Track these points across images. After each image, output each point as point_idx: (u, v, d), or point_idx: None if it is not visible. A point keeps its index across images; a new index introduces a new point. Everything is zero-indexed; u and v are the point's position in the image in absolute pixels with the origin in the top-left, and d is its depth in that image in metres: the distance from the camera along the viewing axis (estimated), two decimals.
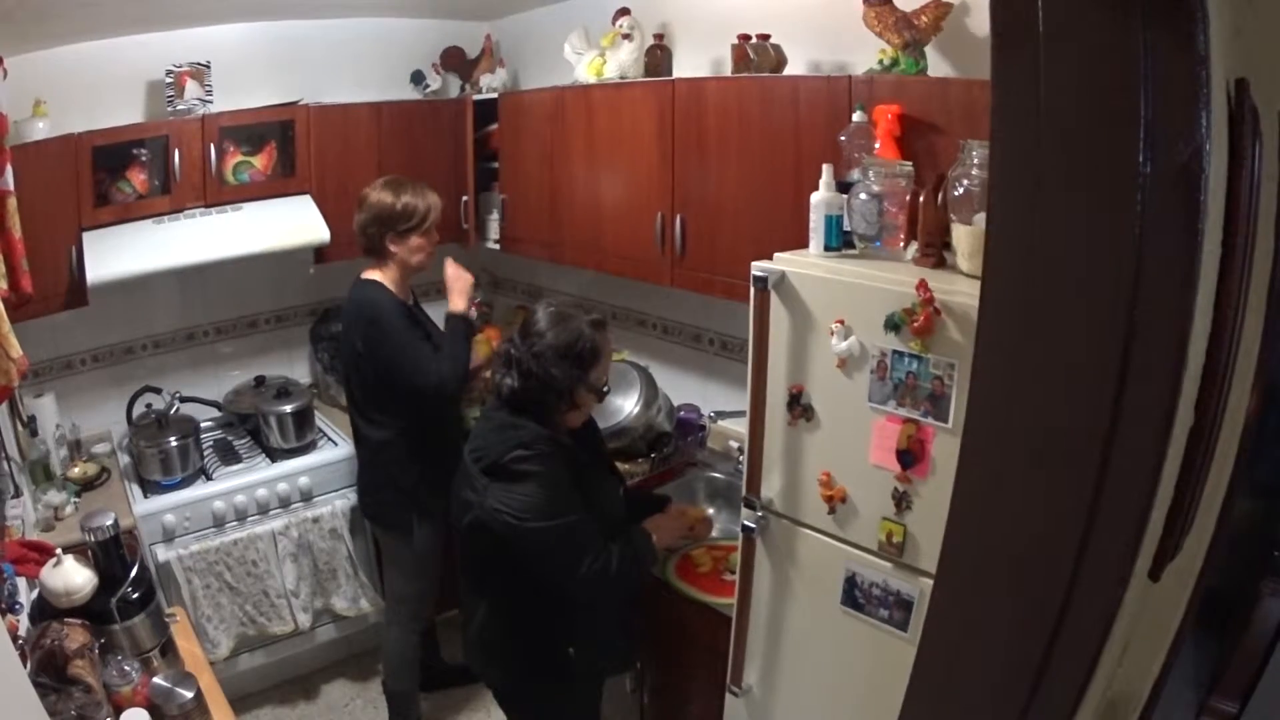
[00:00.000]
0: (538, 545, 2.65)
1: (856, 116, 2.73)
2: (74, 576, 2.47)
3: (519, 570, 2.72)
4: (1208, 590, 1.67)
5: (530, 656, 2.86)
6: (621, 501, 3.03)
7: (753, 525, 2.73)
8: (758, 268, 2.54)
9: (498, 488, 2.64)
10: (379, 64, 4.82)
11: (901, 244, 2.49)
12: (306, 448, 4.33)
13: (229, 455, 4.32)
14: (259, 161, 4.28)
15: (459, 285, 3.54)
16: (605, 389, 2.86)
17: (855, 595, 2.51)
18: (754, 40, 3.31)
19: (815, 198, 2.55)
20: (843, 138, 2.74)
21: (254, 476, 4.10)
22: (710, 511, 3.63)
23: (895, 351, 2.26)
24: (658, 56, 3.80)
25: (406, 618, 3.86)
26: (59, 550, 2.54)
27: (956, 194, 2.25)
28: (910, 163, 2.52)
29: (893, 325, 2.23)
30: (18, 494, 3.38)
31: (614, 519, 2.90)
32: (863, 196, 2.46)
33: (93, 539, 2.59)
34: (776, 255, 2.59)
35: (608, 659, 3.07)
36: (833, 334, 2.36)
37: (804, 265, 2.50)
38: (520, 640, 2.85)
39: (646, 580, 3.07)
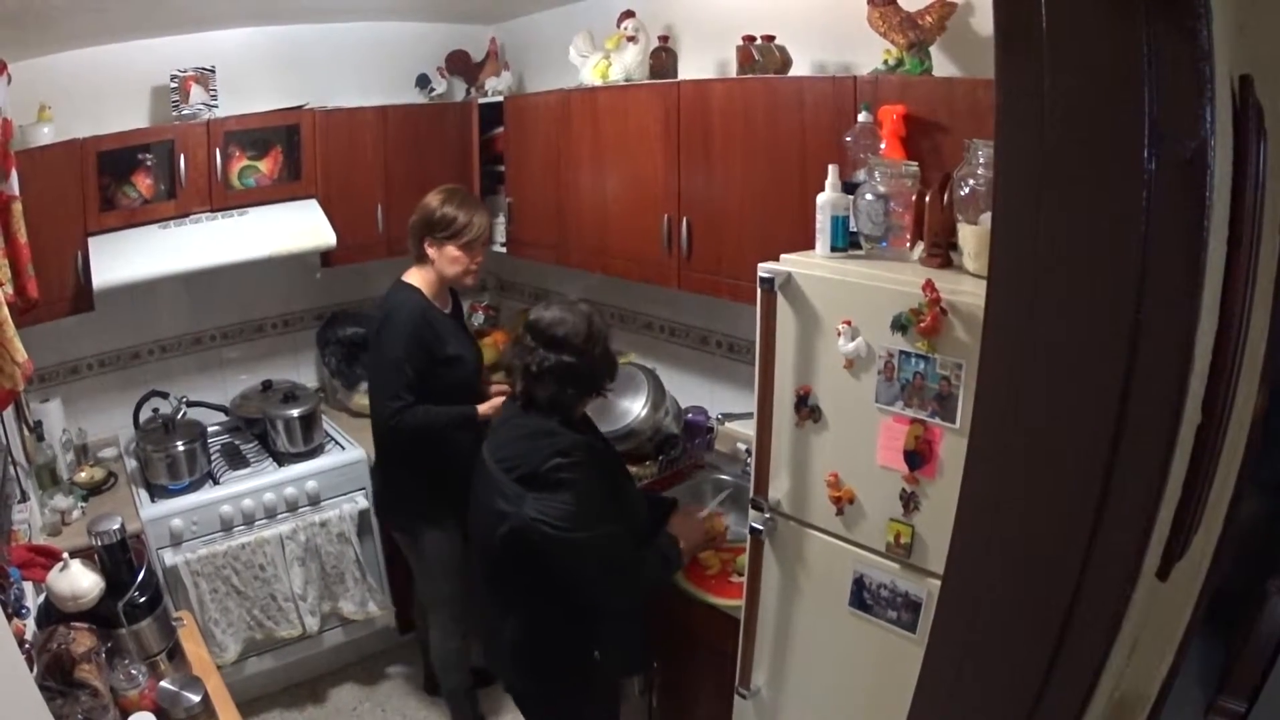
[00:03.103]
0: (578, 554, 2.64)
1: (862, 117, 2.73)
2: (81, 581, 2.47)
3: (553, 578, 2.70)
4: (1215, 589, 1.67)
5: (560, 661, 2.85)
6: (644, 501, 3.04)
7: (760, 527, 2.73)
8: (764, 269, 2.54)
9: (535, 497, 2.62)
10: (384, 68, 4.83)
11: (908, 244, 2.49)
12: (314, 452, 4.33)
13: (236, 459, 4.33)
14: (265, 166, 4.29)
15: (495, 407, 3.48)
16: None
17: (863, 597, 2.51)
18: (759, 41, 3.31)
19: (821, 198, 2.54)
20: (848, 138, 2.74)
21: (261, 481, 4.11)
22: (721, 512, 3.63)
23: (902, 352, 2.26)
24: (663, 58, 3.80)
25: (445, 620, 3.85)
26: (66, 554, 2.54)
27: (962, 194, 2.24)
28: (916, 163, 2.52)
29: (899, 326, 2.23)
30: (24, 499, 3.38)
31: (639, 519, 2.92)
32: (869, 197, 2.45)
33: (99, 543, 2.59)
34: (783, 256, 2.59)
35: (630, 660, 3.08)
36: (840, 335, 2.36)
37: (810, 266, 2.50)
38: (551, 646, 2.83)
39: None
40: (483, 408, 3.51)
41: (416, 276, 3.55)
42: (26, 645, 2.25)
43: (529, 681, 2.96)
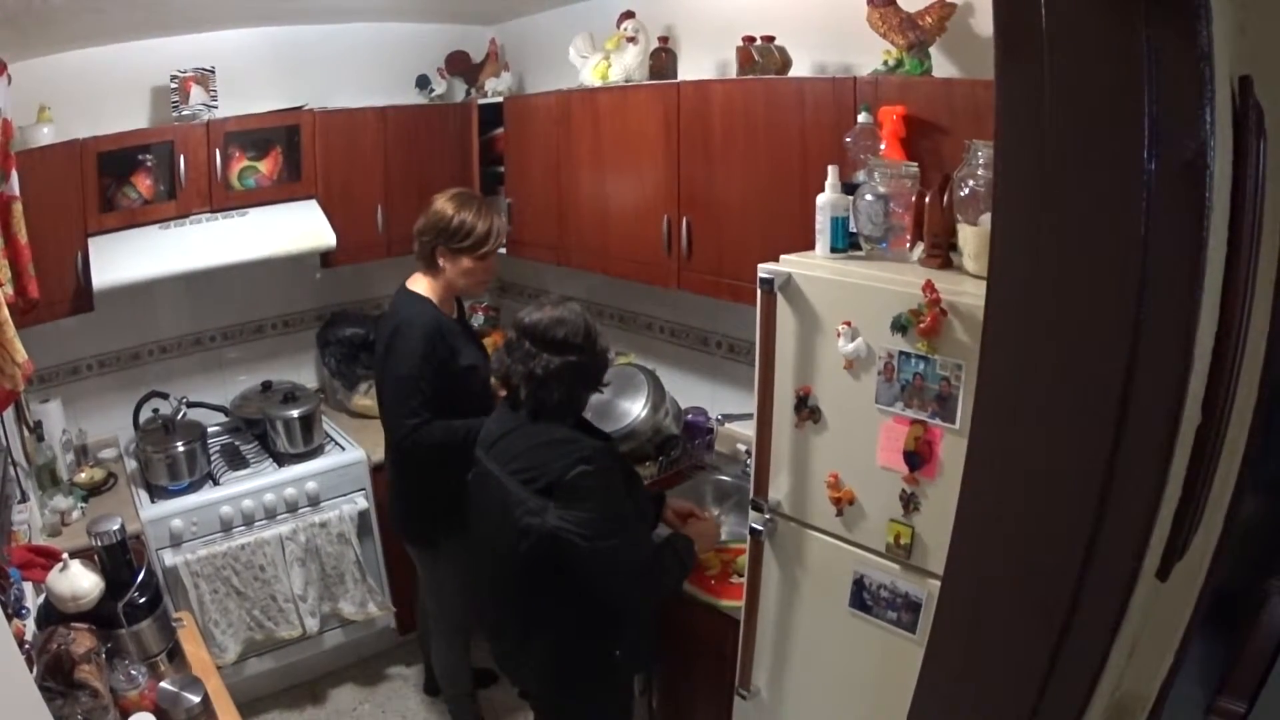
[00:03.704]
0: (606, 561, 2.59)
1: (862, 118, 2.73)
2: (80, 581, 2.47)
3: (578, 586, 2.65)
4: (1215, 589, 1.67)
5: (581, 664, 2.80)
6: (649, 500, 3.04)
7: (760, 528, 2.73)
8: (764, 270, 2.54)
9: (559, 507, 2.56)
10: (384, 68, 4.83)
11: (908, 245, 2.49)
12: (314, 452, 4.34)
13: (236, 460, 4.33)
14: (265, 166, 4.29)
15: None
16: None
17: (863, 597, 2.51)
18: (759, 42, 3.31)
19: (821, 199, 2.54)
20: (848, 139, 2.74)
21: (261, 481, 4.11)
22: (719, 514, 3.63)
23: (902, 353, 2.26)
24: (663, 59, 3.80)
25: (447, 629, 3.85)
26: (65, 555, 2.54)
27: (962, 194, 2.24)
28: (916, 164, 2.52)
29: (899, 326, 2.23)
30: (24, 499, 3.38)
31: (649, 519, 2.94)
32: (868, 198, 2.46)
33: (99, 544, 2.59)
34: (783, 257, 2.59)
35: (645, 656, 3.07)
36: (840, 335, 2.36)
37: (810, 267, 2.50)
38: (574, 650, 2.78)
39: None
40: None
41: (424, 285, 3.43)
42: (26, 646, 2.26)
43: (553, 689, 2.92)
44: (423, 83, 4.90)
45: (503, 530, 2.70)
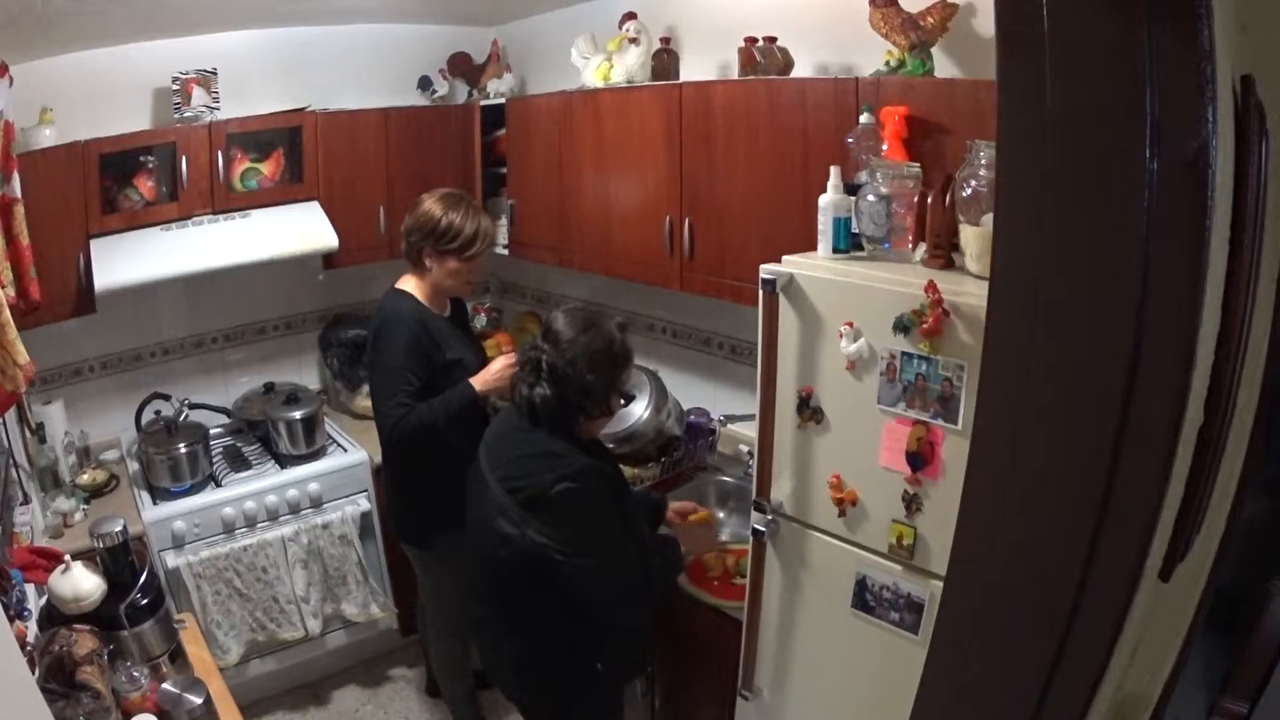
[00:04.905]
0: (585, 577, 2.57)
1: (864, 118, 2.72)
2: (82, 583, 2.47)
3: (559, 598, 2.63)
4: (1218, 590, 1.67)
5: (563, 676, 2.78)
6: (644, 509, 3.02)
7: (763, 529, 2.72)
8: (766, 270, 2.53)
9: (540, 521, 2.53)
10: (386, 70, 4.83)
11: (910, 245, 2.49)
12: (316, 454, 4.34)
13: (238, 462, 4.33)
14: (267, 168, 4.29)
15: (493, 375, 3.38)
16: (633, 395, 2.80)
17: (866, 598, 2.50)
18: (761, 43, 3.31)
19: (823, 200, 2.54)
20: (850, 140, 2.73)
21: (263, 483, 4.11)
22: (721, 515, 3.62)
23: (904, 353, 2.25)
24: (665, 60, 3.80)
25: (444, 629, 3.84)
26: (68, 557, 2.54)
27: (964, 195, 2.24)
28: (918, 164, 2.52)
29: (902, 327, 2.23)
30: (26, 501, 3.38)
31: (643, 532, 2.90)
32: (871, 198, 2.45)
33: (101, 545, 2.59)
34: (785, 258, 2.59)
35: (631, 666, 3.06)
36: (842, 336, 2.36)
37: (812, 268, 2.50)
38: (554, 664, 2.76)
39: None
40: (477, 382, 3.36)
41: (412, 284, 3.45)
42: (29, 647, 2.26)
43: (532, 696, 2.92)
44: (425, 84, 4.90)
45: (486, 536, 2.68)
